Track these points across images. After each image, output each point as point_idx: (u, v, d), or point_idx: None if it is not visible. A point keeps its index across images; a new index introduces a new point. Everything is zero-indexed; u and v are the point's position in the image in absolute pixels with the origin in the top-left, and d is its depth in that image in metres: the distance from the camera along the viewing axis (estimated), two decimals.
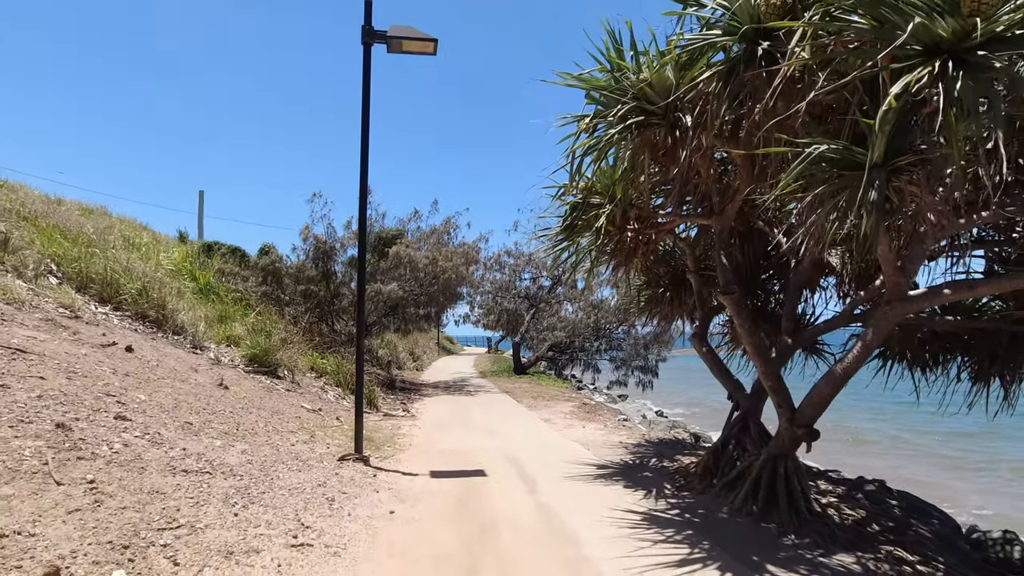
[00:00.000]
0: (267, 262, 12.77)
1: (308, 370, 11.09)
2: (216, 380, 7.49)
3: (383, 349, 19.34)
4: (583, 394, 15.90)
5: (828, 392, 3.94)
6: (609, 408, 11.86)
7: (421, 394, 13.85)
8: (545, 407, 11.54)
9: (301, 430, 6.89)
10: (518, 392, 14.31)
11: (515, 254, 20.84)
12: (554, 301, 19.89)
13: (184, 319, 9.15)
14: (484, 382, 17.30)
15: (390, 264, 13.53)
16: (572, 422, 9.52)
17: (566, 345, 19.18)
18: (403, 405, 11.46)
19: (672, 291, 7.43)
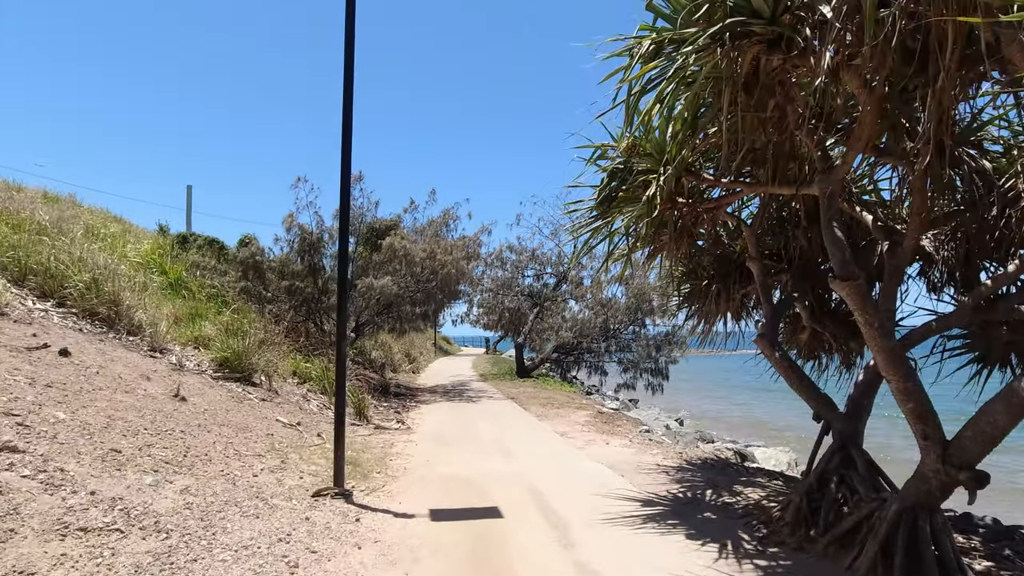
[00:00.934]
0: (247, 255, 11.49)
1: (290, 375, 9.83)
2: (171, 390, 6.22)
3: (377, 351, 18.07)
4: (594, 400, 14.68)
5: (1005, 423, 2.73)
6: (627, 418, 10.65)
7: (418, 400, 12.60)
8: (557, 416, 10.31)
9: (271, 452, 5.63)
10: (524, 398, 13.07)
11: (518, 249, 19.62)
12: (560, 299, 18.66)
13: (143, 317, 7.87)
14: (485, 386, 16.06)
15: (383, 257, 12.27)
16: (592, 436, 8.29)
17: (572, 346, 17.95)
18: (398, 414, 10.21)
19: (719, 283, 6.21)
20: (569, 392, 15.31)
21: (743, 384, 30.55)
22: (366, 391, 11.78)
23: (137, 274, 10.38)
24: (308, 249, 12.02)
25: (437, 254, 12.98)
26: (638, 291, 16.77)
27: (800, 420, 19.34)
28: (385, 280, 11.28)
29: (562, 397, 13.61)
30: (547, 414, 10.61)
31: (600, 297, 17.54)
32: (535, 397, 13.28)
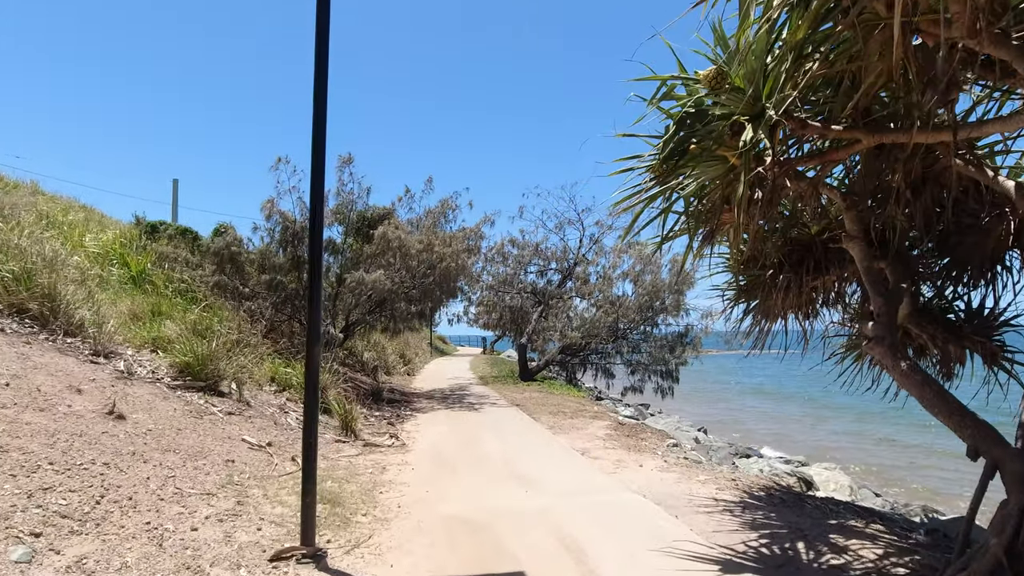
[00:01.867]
0: (221, 245, 10.21)
1: (267, 382, 8.59)
2: (106, 405, 4.97)
3: (369, 352, 16.81)
4: (606, 407, 13.48)
5: None
6: (650, 429, 9.45)
7: (414, 408, 11.36)
8: (572, 428, 9.10)
9: (226, 488, 4.39)
10: (531, 405, 11.85)
11: (520, 244, 18.40)
12: (567, 296, 17.44)
13: (85, 315, 6.60)
14: (487, 391, 14.83)
15: (376, 249, 11.02)
16: (619, 454, 7.09)
17: (579, 347, 16.75)
18: (391, 426, 8.97)
19: (790, 273, 5.01)
20: (578, 397, 14.11)
21: (743, 385, 29.45)
22: (355, 399, 10.53)
23: (93, 266, 9.13)
24: (291, 240, 10.75)
25: (435, 246, 11.74)
26: (652, 287, 15.58)
27: (811, 426, 18.28)
28: (377, 274, 10.03)
29: (572, 404, 12.40)
30: (560, 425, 9.39)
31: (609, 294, 16.34)
32: (543, 404, 12.06)
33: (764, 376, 35.38)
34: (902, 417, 18.22)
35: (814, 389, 26.56)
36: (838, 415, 19.32)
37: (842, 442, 14.84)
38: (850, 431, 16.48)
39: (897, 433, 15.79)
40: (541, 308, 17.55)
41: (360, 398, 11.01)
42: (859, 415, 18.80)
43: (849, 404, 21.76)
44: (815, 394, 25.23)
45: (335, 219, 11.36)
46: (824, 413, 19.87)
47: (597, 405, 13.25)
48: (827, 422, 18.10)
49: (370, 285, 9.97)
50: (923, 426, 17.05)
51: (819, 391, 26.52)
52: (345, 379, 12.25)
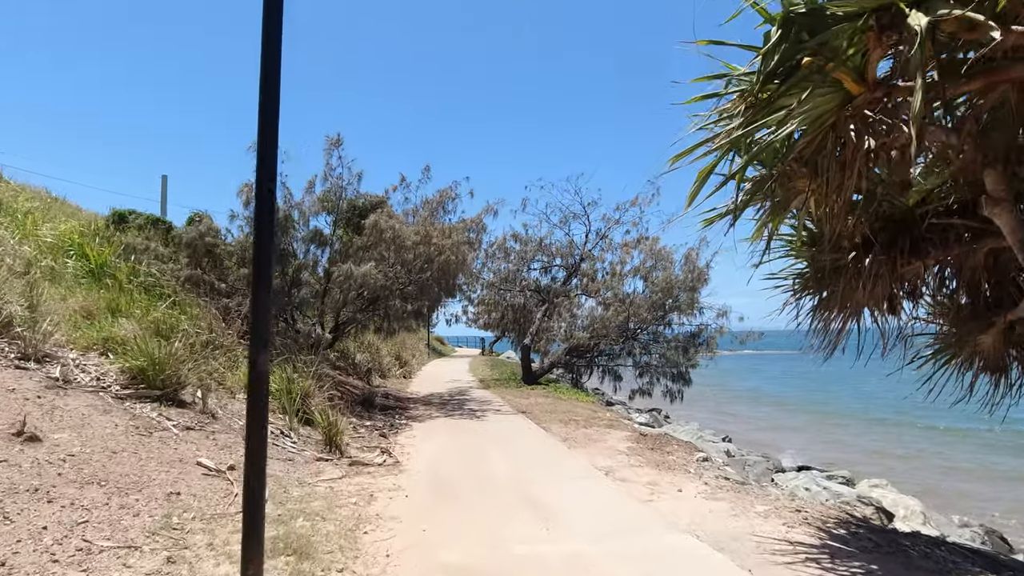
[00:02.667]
0: (194, 235, 9.15)
1: (243, 389, 7.52)
2: (15, 424, 3.92)
3: (362, 353, 15.76)
4: (618, 413, 12.46)
5: None
6: (675, 441, 8.41)
7: (410, 415, 10.31)
8: (589, 441, 8.07)
9: (159, 535, 3.33)
10: (538, 412, 10.81)
11: (523, 239, 17.37)
12: (572, 294, 16.40)
13: (15, 311, 5.55)
14: (488, 395, 13.78)
15: (367, 240, 9.97)
16: (649, 474, 6.06)
17: (586, 348, 15.70)
18: (383, 438, 7.93)
19: (882, 255, 3.99)
20: (587, 403, 13.07)
21: (747, 387, 28.49)
22: (344, 407, 9.48)
23: (44, 257, 8.07)
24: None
25: (433, 237, 10.70)
26: (665, 283, 14.55)
27: (830, 432, 17.32)
28: (368, 267, 8.98)
29: (583, 410, 11.36)
30: (574, 436, 8.36)
31: (619, 292, 15.30)
32: (551, 410, 11.02)
33: (761, 379, 34.45)
34: (906, 416, 17.27)
35: (819, 392, 25.67)
36: (847, 421, 18.41)
37: (862, 447, 13.88)
38: (866, 435, 15.51)
39: (917, 439, 14.83)
40: (545, 307, 16.51)
41: (350, 406, 9.95)
42: (868, 421, 17.95)
43: (849, 409, 20.91)
44: (825, 397, 24.35)
45: (322, 207, 10.30)
46: (847, 420, 18.94)
47: (609, 411, 12.23)
48: (845, 427, 17.12)
49: (360, 279, 8.92)
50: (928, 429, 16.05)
51: (825, 394, 25.58)
52: (334, 384, 11.20)
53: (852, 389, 26.08)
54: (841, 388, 27.00)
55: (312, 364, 9.33)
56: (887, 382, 4.92)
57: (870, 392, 24.19)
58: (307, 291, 9.52)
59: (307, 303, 10.42)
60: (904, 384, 4.62)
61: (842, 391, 26.35)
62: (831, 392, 26.36)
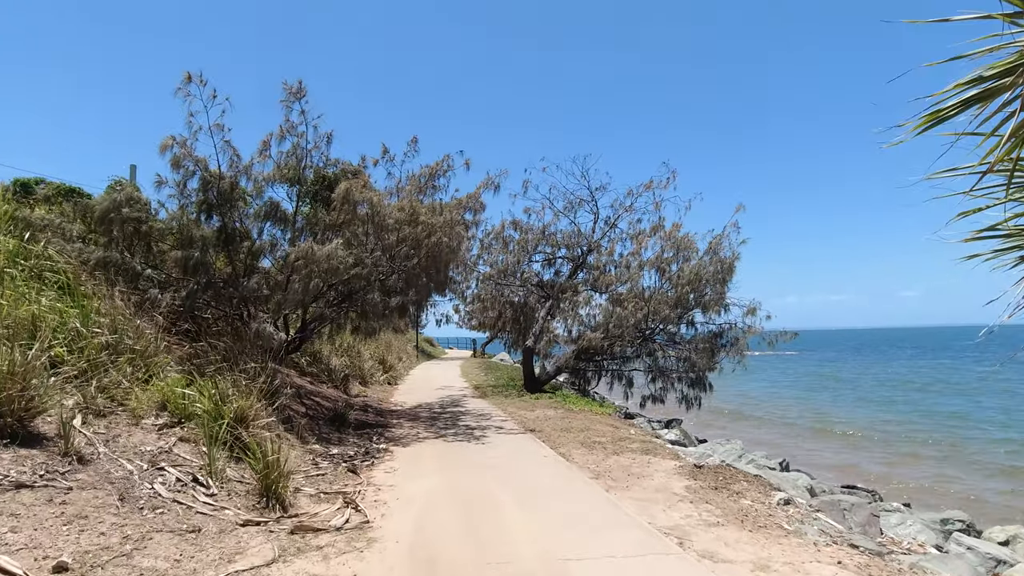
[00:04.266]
0: (108, 206, 7.02)
1: (154, 410, 5.43)
2: None
3: (339, 357, 13.64)
4: (643, 428, 10.48)
5: None
6: (741, 473, 6.41)
7: (391, 436, 8.25)
8: (626, 474, 6.07)
9: None
10: (550, 430, 8.80)
11: (524, 227, 15.33)
12: (582, 289, 14.39)
13: None
14: (486, 406, 11.75)
15: (338, 217, 7.90)
16: (739, 538, 4.08)
17: (598, 351, 13.71)
18: (352, 474, 5.87)
19: None
20: (604, 416, 11.08)
21: (756, 392, 26.64)
22: (307, 428, 7.40)
23: None
24: (217, 202, 7.58)
25: (421, 215, 8.64)
26: (695, 276, 12.58)
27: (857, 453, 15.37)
28: (332, 246, 6.90)
29: (603, 427, 9.36)
30: (607, 468, 6.35)
31: (638, 287, 13.32)
32: (566, 428, 9.00)
33: (765, 381, 32.75)
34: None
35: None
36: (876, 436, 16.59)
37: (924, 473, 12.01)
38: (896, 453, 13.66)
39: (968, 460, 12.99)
40: (550, 304, 14.50)
41: (315, 425, 7.87)
42: (886, 439, 16.14)
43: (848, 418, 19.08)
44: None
45: (280, 176, 8.20)
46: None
47: (632, 427, 10.24)
48: (870, 447, 15.28)
49: (324, 263, 6.84)
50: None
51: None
52: (299, 396, 9.10)
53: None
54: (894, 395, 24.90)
55: (268, 374, 7.27)
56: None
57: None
58: (257, 280, 7.40)
59: (261, 298, 8.31)
60: None
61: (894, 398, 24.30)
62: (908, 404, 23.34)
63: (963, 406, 21.08)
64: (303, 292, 6.93)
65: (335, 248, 6.84)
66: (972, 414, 19.21)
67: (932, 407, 21.16)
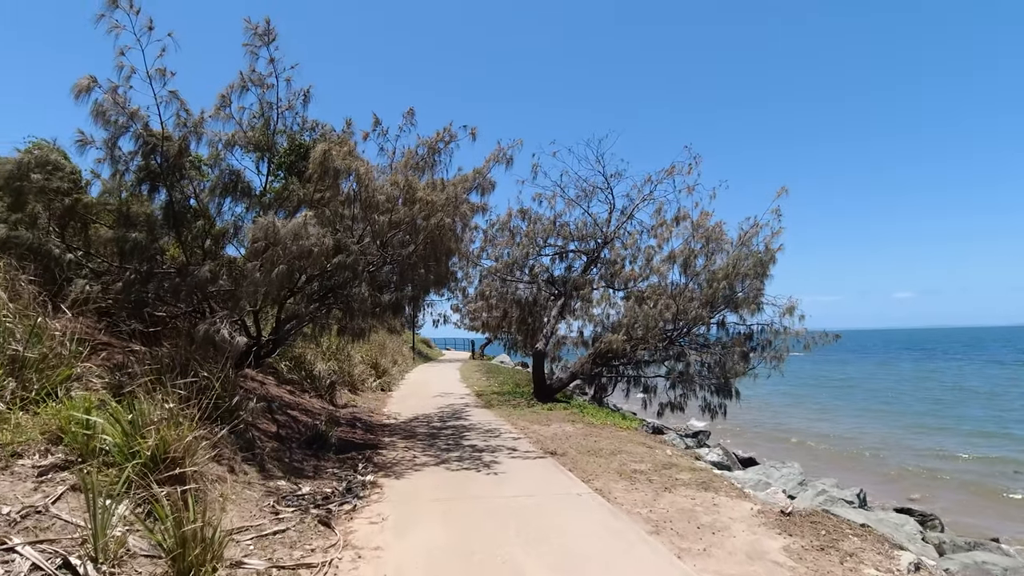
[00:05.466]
0: (13, 170, 5.43)
1: (45, 444, 3.87)
2: None
3: (326, 361, 12.07)
4: (677, 447, 8.95)
5: None
6: (847, 524, 4.89)
7: (381, 462, 6.69)
8: (697, 529, 4.54)
9: None
10: (575, 452, 7.27)
11: (533, 216, 13.80)
12: (600, 285, 12.87)
13: None
14: (493, 418, 10.21)
15: (314, 191, 6.35)
16: None
17: (618, 354, 12.16)
18: (324, 527, 4.31)
19: None
20: (630, 430, 9.55)
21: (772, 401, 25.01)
22: (272, 454, 5.85)
23: None
24: (161, 171, 6.00)
25: (419, 192, 7.10)
26: (732, 269, 11.05)
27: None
28: (300, 220, 5.34)
29: (637, 448, 7.84)
30: (667, 517, 4.81)
31: (665, 282, 11.80)
32: (593, 449, 7.47)
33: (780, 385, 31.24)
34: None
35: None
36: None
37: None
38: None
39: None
40: (562, 302, 12.96)
41: (284, 451, 6.31)
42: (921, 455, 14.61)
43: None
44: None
45: (245, 141, 6.63)
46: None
47: (666, 444, 8.71)
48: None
49: (291, 243, 5.27)
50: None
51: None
52: (270, 410, 7.54)
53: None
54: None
55: (227, 386, 5.77)
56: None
57: None
58: (211, 269, 5.80)
59: (222, 294, 6.72)
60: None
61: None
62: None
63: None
64: (265, 283, 5.36)
65: (304, 223, 5.27)
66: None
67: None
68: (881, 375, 37.93)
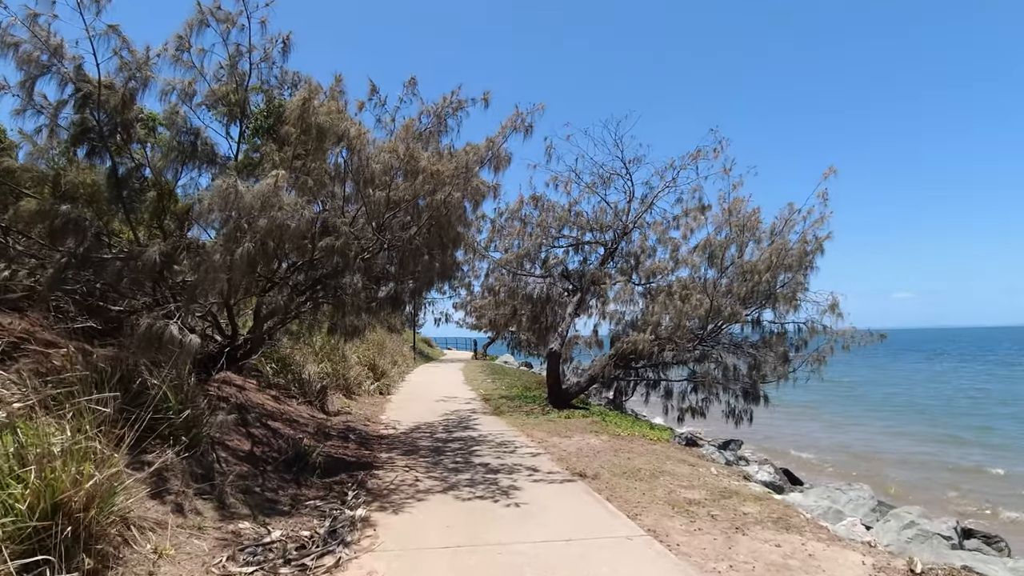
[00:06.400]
0: None
1: None
2: None
3: (317, 364, 10.86)
4: (722, 465, 7.75)
5: None
6: None
7: (376, 490, 5.50)
8: None
9: None
10: (609, 475, 6.08)
11: (546, 204, 12.60)
12: (623, 278, 11.64)
13: None
14: (505, 429, 9.03)
15: (293, 154, 5.14)
16: None
17: (642, 355, 10.94)
18: None
19: None
20: (663, 442, 8.36)
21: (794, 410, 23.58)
22: (237, 483, 4.65)
23: None
24: (104, 129, 4.80)
25: (421, 162, 5.89)
26: (777, 259, 9.82)
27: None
28: (269, 182, 4.13)
29: (679, 467, 6.64)
30: (750, 572, 3.60)
31: (698, 274, 10.60)
32: (630, 471, 6.27)
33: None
34: None
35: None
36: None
37: None
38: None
39: None
40: (578, 298, 11.76)
41: (256, 477, 5.12)
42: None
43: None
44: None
45: (213, 100, 5.42)
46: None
47: (709, 461, 7.51)
48: None
49: (259, 214, 4.06)
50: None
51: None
52: (244, 423, 6.35)
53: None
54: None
55: (180, 395, 4.62)
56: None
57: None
58: (162, 252, 4.60)
59: (174, 282, 5.50)
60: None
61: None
62: None
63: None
64: (227, 267, 4.15)
65: (275, 187, 4.06)
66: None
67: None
68: (889, 377, 36.53)
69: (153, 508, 3.73)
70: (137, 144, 5.32)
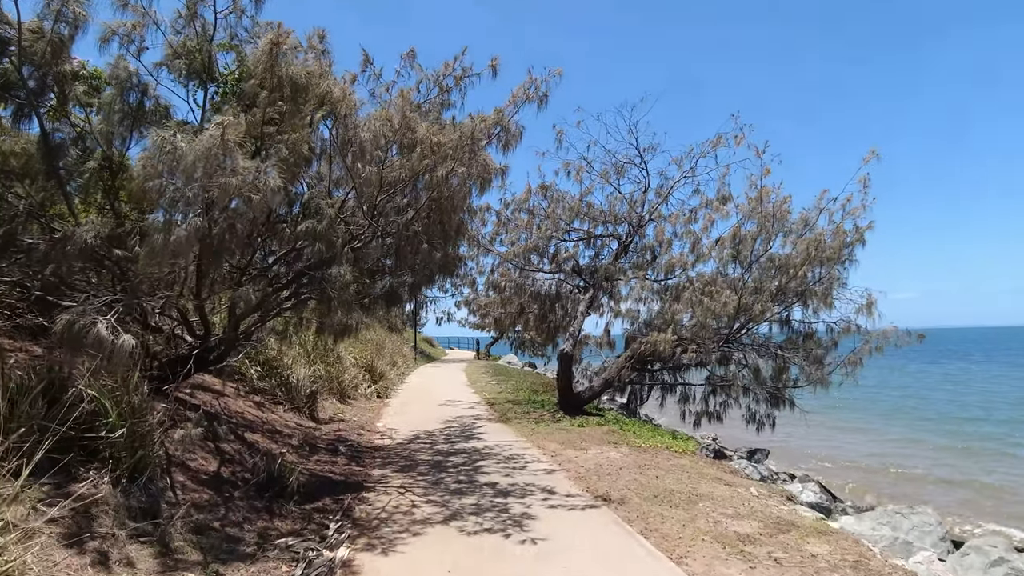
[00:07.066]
0: None
1: None
2: None
3: (308, 366, 9.97)
4: (760, 482, 6.86)
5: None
6: None
7: (363, 520, 4.63)
8: None
9: None
10: (638, 499, 5.20)
11: (556, 195, 11.71)
12: (640, 273, 10.72)
13: None
14: (514, 439, 8.16)
15: (267, 117, 4.26)
16: None
17: (660, 357, 10.04)
18: None
19: None
20: (688, 454, 7.48)
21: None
22: (190, 518, 3.76)
23: None
24: (22, 85, 3.93)
25: (419, 132, 5.00)
26: (814, 253, 8.90)
27: None
28: (213, 133, 3.24)
29: (716, 487, 5.75)
30: None
31: (727, 270, 9.68)
32: (662, 494, 5.38)
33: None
34: None
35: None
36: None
37: None
38: None
39: None
40: (591, 295, 10.88)
41: (219, 506, 4.23)
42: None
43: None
44: None
45: (172, 56, 4.54)
46: None
47: (744, 477, 6.62)
48: None
49: (202, 176, 3.18)
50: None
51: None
52: (214, 438, 5.49)
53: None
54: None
55: (123, 409, 3.79)
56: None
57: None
58: (97, 234, 3.71)
59: (118, 270, 4.61)
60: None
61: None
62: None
63: None
64: (171, 249, 3.27)
65: (219, 140, 3.15)
66: None
67: None
68: (901, 380, 35.37)
69: (65, 561, 2.86)
70: (79, 108, 4.45)
